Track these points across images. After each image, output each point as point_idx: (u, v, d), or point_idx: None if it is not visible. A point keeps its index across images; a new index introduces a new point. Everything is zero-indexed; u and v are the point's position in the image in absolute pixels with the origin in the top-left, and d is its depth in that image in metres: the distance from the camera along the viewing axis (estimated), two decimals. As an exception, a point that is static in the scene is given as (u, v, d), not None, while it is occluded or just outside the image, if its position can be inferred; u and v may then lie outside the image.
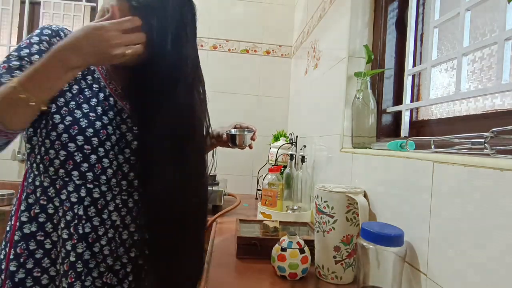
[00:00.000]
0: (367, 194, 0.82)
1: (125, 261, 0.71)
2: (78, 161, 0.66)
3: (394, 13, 0.99)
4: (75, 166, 0.66)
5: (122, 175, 0.71)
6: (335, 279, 0.77)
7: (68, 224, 0.65)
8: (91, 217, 0.67)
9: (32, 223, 0.65)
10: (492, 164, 0.45)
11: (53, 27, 0.70)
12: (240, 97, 2.11)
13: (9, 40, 2.08)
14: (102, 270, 0.68)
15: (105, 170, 0.68)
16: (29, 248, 0.65)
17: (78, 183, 0.66)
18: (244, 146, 1.00)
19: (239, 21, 2.10)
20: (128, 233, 0.72)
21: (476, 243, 0.47)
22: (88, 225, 0.67)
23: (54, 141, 0.65)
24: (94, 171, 0.67)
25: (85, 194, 0.67)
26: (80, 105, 0.67)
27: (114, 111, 0.71)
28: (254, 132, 1.00)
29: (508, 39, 0.57)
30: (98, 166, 0.67)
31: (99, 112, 0.69)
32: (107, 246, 0.69)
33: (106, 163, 0.68)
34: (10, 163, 1.91)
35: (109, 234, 0.69)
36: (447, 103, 0.77)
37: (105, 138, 0.68)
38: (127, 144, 0.71)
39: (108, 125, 0.69)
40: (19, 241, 0.64)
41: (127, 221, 0.72)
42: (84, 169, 0.66)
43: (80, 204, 0.66)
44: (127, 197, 0.72)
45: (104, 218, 0.68)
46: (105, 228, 0.68)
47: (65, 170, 0.66)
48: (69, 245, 0.65)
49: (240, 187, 1.96)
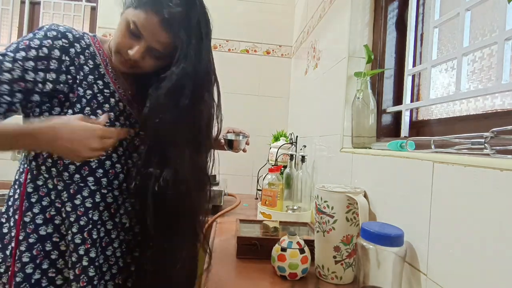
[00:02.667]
0: (367, 194, 0.82)
1: (129, 260, 0.72)
2: (94, 167, 0.67)
3: (394, 13, 0.99)
4: (91, 172, 0.67)
5: (131, 179, 0.71)
6: (335, 279, 0.77)
7: (82, 229, 0.66)
8: (105, 221, 0.68)
9: (48, 225, 0.66)
10: (492, 164, 0.45)
11: (60, 28, 0.67)
12: (240, 97, 2.11)
13: (9, 40, 2.08)
14: (114, 272, 0.69)
15: (117, 175, 0.70)
16: (45, 249, 0.65)
17: (93, 189, 0.67)
18: (239, 150, 1.06)
19: (239, 21, 2.10)
20: (133, 234, 0.73)
21: (476, 243, 0.47)
22: (102, 230, 0.68)
23: None
24: (108, 177, 0.68)
25: (100, 199, 0.68)
26: (95, 111, 0.67)
27: (124, 116, 0.72)
28: (247, 137, 1.07)
29: (508, 39, 0.57)
30: (111, 171, 0.69)
31: (112, 118, 0.69)
32: (119, 248, 0.70)
33: (119, 168, 0.70)
34: (10, 163, 1.91)
35: (120, 237, 0.70)
36: (447, 103, 0.77)
37: (118, 144, 0.69)
38: (135, 149, 0.73)
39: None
40: (35, 243, 0.65)
41: (133, 222, 0.73)
42: (99, 175, 0.67)
43: (95, 210, 0.67)
44: (134, 200, 0.73)
45: (117, 221, 0.70)
46: (117, 231, 0.70)
47: (80, 175, 0.66)
48: (82, 250, 0.65)
49: (240, 187, 1.96)
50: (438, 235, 0.56)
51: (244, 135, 1.05)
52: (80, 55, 0.67)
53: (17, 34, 2.12)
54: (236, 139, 1.04)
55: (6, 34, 2.09)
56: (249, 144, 1.08)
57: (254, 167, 2.01)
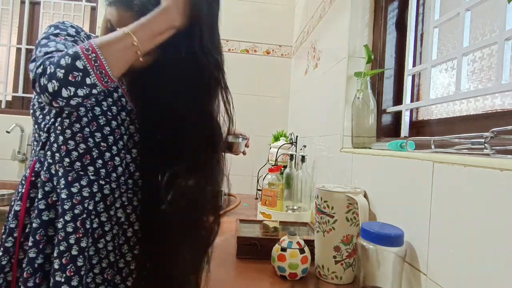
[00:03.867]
0: (367, 194, 0.82)
1: (129, 259, 0.72)
2: (95, 157, 0.68)
3: (394, 13, 0.99)
4: (92, 161, 0.67)
5: (129, 174, 0.73)
6: (335, 279, 0.77)
7: (76, 218, 0.65)
8: (99, 212, 0.68)
9: (51, 211, 0.66)
10: (492, 164, 0.45)
11: (74, 24, 0.71)
12: (240, 97, 2.11)
13: (9, 40, 2.08)
14: (104, 266, 0.69)
15: (116, 168, 0.70)
16: (48, 235, 0.65)
17: (92, 178, 0.68)
18: (239, 152, 1.03)
19: (239, 21, 2.10)
20: (132, 231, 0.73)
21: (476, 243, 0.47)
22: (96, 221, 0.68)
23: (76, 132, 0.66)
24: (107, 168, 0.69)
25: (97, 189, 0.68)
26: (100, 102, 0.69)
27: (125, 112, 0.72)
28: (247, 139, 1.04)
29: (508, 39, 0.57)
30: (110, 163, 0.69)
31: (114, 112, 0.70)
32: (111, 242, 0.70)
33: (118, 161, 0.70)
34: (10, 163, 1.91)
35: (114, 231, 0.70)
36: (447, 103, 0.77)
37: (119, 138, 0.70)
38: (134, 144, 0.73)
39: (121, 125, 0.71)
40: (38, 228, 0.65)
41: (131, 218, 0.73)
42: (99, 165, 0.68)
43: (91, 199, 0.67)
44: (132, 195, 0.73)
45: (111, 214, 0.70)
46: (111, 225, 0.70)
47: (81, 163, 0.67)
48: (73, 239, 0.64)
49: (240, 187, 1.96)
50: (438, 235, 0.56)
51: (244, 137, 1.02)
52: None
53: (17, 34, 2.12)
54: (236, 141, 1.01)
55: (6, 34, 2.09)
56: (249, 146, 1.05)
57: (254, 167, 2.01)
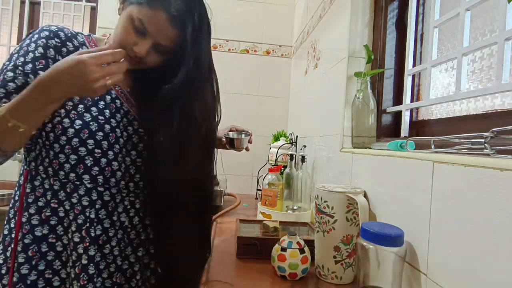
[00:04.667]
0: (367, 194, 0.82)
1: (133, 260, 0.72)
2: (89, 165, 0.67)
3: (394, 13, 0.99)
4: (86, 170, 0.66)
5: (129, 177, 0.72)
6: (335, 279, 0.77)
7: (80, 228, 0.65)
8: (102, 219, 0.68)
9: (44, 226, 0.65)
10: (492, 164, 0.45)
11: (52, 27, 0.68)
12: (240, 97, 2.11)
13: (9, 40, 2.08)
14: (112, 270, 0.69)
15: (114, 173, 0.69)
16: (41, 251, 0.65)
17: (89, 187, 0.67)
18: (242, 148, 1.03)
19: (239, 21, 2.10)
20: (135, 233, 0.73)
21: (476, 243, 0.47)
22: (99, 228, 0.67)
23: (64, 145, 0.65)
24: (104, 174, 0.68)
25: (96, 197, 0.67)
26: (88, 108, 0.67)
27: (121, 114, 0.71)
28: (250, 135, 1.03)
29: (508, 39, 0.57)
30: (108, 169, 0.68)
31: (107, 115, 0.69)
32: (117, 247, 0.70)
33: (116, 166, 0.69)
34: (10, 163, 1.90)
35: (118, 235, 0.70)
36: (447, 103, 0.77)
37: (114, 141, 0.69)
38: (133, 146, 0.72)
39: (116, 128, 0.69)
40: (31, 244, 0.64)
41: (134, 221, 0.73)
42: (95, 173, 0.67)
43: (92, 208, 0.67)
44: (134, 198, 0.73)
45: (114, 220, 0.70)
46: (115, 230, 0.69)
47: (76, 174, 0.66)
48: (81, 248, 0.65)
49: (240, 187, 1.96)
50: (438, 235, 0.56)
51: (246, 133, 1.02)
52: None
53: (17, 34, 2.12)
54: (238, 137, 1.01)
55: (6, 34, 2.09)
56: (252, 142, 1.06)
57: (254, 167, 2.01)
